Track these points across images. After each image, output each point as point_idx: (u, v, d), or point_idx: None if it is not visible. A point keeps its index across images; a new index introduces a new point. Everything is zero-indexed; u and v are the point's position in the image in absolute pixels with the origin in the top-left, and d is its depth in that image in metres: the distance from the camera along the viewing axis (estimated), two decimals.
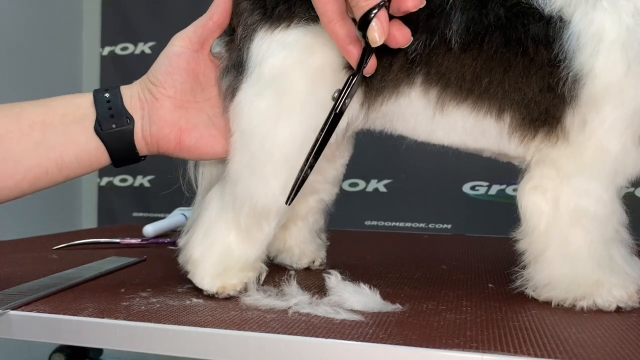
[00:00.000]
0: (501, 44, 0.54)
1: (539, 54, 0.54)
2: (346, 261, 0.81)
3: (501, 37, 0.54)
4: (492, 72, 0.55)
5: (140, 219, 1.81)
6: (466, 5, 0.55)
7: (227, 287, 0.58)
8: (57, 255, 0.85)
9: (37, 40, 1.70)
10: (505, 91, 0.55)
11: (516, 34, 0.54)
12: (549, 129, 0.56)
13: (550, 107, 0.55)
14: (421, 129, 0.60)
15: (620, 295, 0.54)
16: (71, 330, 0.52)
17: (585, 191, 0.55)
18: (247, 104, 0.58)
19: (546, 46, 0.54)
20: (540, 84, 0.54)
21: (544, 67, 0.54)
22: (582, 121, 0.55)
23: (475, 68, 0.55)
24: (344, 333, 0.47)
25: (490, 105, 0.56)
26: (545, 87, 0.54)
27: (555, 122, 0.55)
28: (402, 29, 0.52)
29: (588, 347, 0.45)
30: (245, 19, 0.59)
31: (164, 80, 0.60)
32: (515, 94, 0.55)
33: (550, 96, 0.55)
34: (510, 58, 0.54)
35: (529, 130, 0.56)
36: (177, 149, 0.61)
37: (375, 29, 0.50)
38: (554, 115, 0.55)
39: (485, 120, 0.57)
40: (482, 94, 0.56)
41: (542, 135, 0.56)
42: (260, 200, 0.58)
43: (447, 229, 1.60)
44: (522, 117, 0.56)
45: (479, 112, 0.56)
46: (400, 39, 0.52)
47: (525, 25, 0.54)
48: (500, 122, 0.57)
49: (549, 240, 0.56)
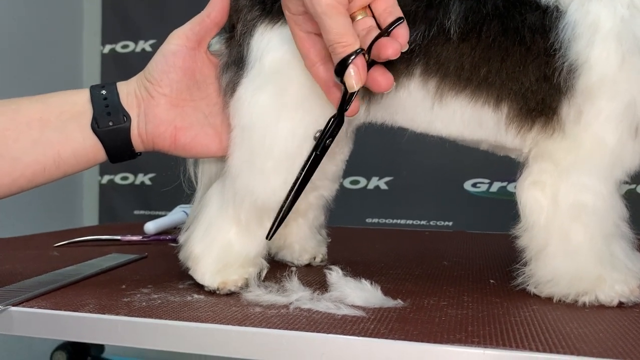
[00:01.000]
0: (499, 33, 0.55)
1: (536, 43, 0.54)
2: (347, 257, 0.81)
3: (499, 26, 0.55)
4: (490, 61, 0.55)
5: (142, 217, 1.81)
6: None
7: (228, 283, 0.58)
8: (58, 253, 0.85)
9: (38, 39, 1.70)
10: (503, 80, 0.55)
11: (514, 23, 0.54)
12: (546, 119, 0.56)
13: (546, 97, 0.55)
14: (420, 120, 0.60)
15: (622, 290, 0.54)
16: (72, 326, 0.52)
17: (584, 185, 0.55)
18: (248, 98, 0.57)
19: (542, 35, 0.54)
20: (537, 73, 0.55)
21: (541, 56, 0.54)
22: (577, 112, 0.55)
23: (474, 57, 0.55)
24: (345, 328, 0.47)
25: (489, 95, 0.56)
26: (542, 76, 0.55)
27: (551, 112, 0.55)
28: (384, 74, 0.52)
29: (590, 341, 0.44)
30: (245, 14, 0.59)
31: (160, 79, 0.60)
32: (513, 83, 0.55)
33: (547, 86, 0.55)
34: (508, 47, 0.55)
35: (526, 120, 0.56)
36: (173, 147, 0.61)
37: (352, 75, 0.50)
38: (550, 106, 0.55)
39: (483, 111, 0.57)
40: (480, 84, 0.56)
41: (539, 127, 0.56)
42: (261, 196, 0.58)
43: (448, 226, 1.59)
44: (520, 107, 0.56)
45: (477, 102, 0.57)
46: (383, 84, 0.52)
47: (522, 14, 0.54)
48: (498, 112, 0.57)
49: (549, 236, 0.56)
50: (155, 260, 0.79)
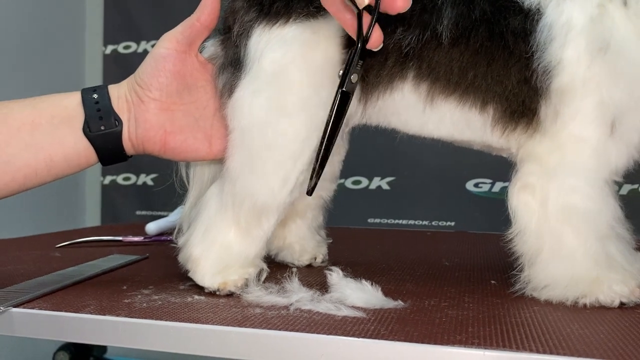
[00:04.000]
0: (486, 38, 0.56)
1: (517, 47, 0.55)
2: (348, 258, 0.81)
3: (486, 32, 0.56)
4: (477, 65, 0.56)
5: (143, 217, 1.82)
6: (456, 0, 0.56)
7: (228, 284, 0.58)
8: (60, 253, 0.85)
9: (39, 39, 1.70)
10: (489, 84, 0.57)
11: (499, 27, 0.56)
12: (527, 121, 0.57)
13: (526, 99, 0.56)
14: (413, 122, 0.61)
15: (621, 290, 0.54)
16: (73, 327, 0.52)
17: (571, 187, 0.55)
18: (247, 100, 0.57)
19: (524, 39, 0.55)
20: (518, 76, 0.56)
21: (522, 59, 0.55)
22: (554, 113, 0.55)
23: (462, 62, 0.56)
24: (345, 330, 0.47)
25: (475, 98, 0.57)
26: (522, 79, 0.56)
27: (531, 114, 0.56)
28: None
29: (591, 343, 0.44)
30: (241, 16, 0.59)
31: (150, 83, 0.59)
32: (497, 86, 0.56)
33: (526, 88, 0.56)
34: (493, 51, 0.56)
35: (510, 122, 0.57)
36: (162, 150, 0.61)
37: None
38: (529, 107, 0.56)
39: (470, 113, 0.58)
40: (467, 88, 0.57)
41: (522, 128, 0.57)
42: (260, 198, 0.58)
43: (450, 226, 1.59)
44: (504, 109, 0.57)
45: (465, 105, 0.58)
46: (400, 3, 0.49)
47: (506, 18, 0.55)
48: (484, 114, 0.58)
49: (541, 240, 0.56)
50: (156, 261, 0.79)
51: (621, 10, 0.54)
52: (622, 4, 0.55)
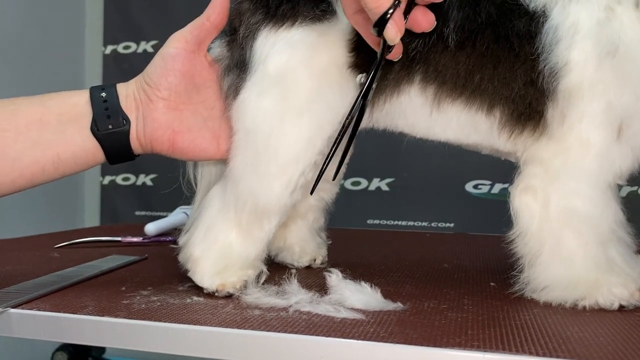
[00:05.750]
0: (492, 41, 0.56)
1: (523, 49, 0.55)
2: (347, 260, 0.81)
3: (492, 34, 0.56)
4: (483, 68, 0.56)
5: (143, 218, 1.82)
6: (462, 3, 0.56)
7: (227, 285, 0.58)
8: (59, 254, 0.85)
9: (39, 39, 1.70)
10: (495, 87, 0.56)
11: (504, 30, 0.55)
12: (534, 123, 0.56)
13: (533, 101, 0.56)
14: (420, 125, 0.61)
15: (621, 293, 0.54)
16: (71, 328, 0.51)
17: (574, 190, 0.55)
18: (252, 102, 0.57)
19: (529, 41, 0.55)
20: (524, 78, 0.55)
21: (527, 61, 0.55)
22: (561, 115, 0.55)
23: (469, 65, 0.56)
24: (344, 332, 0.47)
25: (482, 101, 0.57)
26: (529, 80, 0.55)
27: (538, 116, 0.56)
28: (426, 14, 0.52)
29: (590, 346, 0.44)
30: (247, 18, 0.59)
31: (159, 82, 0.59)
32: (504, 89, 0.56)
33: (532, 90, 0.55)
34: (500, 54, 0.56)
35: (516, 125, 0.57)
36: (170, 150, 0.61)
37: (391, 29, 0.49)
38: (536, 110, 0.56)
39: (477, 116, 0.58)
40: (474, 90, 0.57)
41: (529, 130, 0.57)
42: (263, 199, 0.58)
43: (449, 227, 1.59)
44: (511, 112, 0.57)
45: (472, 108, 0.58)
46: (424, 24, 0.52)
47: (512, 21, 0.55)
48: (490, 117, 0.58)
49: (542, 242, 0.56)
50: (155, 262, 0.79)
51: (631, 12, 0.54)
52: (634, 5, 0.54)
